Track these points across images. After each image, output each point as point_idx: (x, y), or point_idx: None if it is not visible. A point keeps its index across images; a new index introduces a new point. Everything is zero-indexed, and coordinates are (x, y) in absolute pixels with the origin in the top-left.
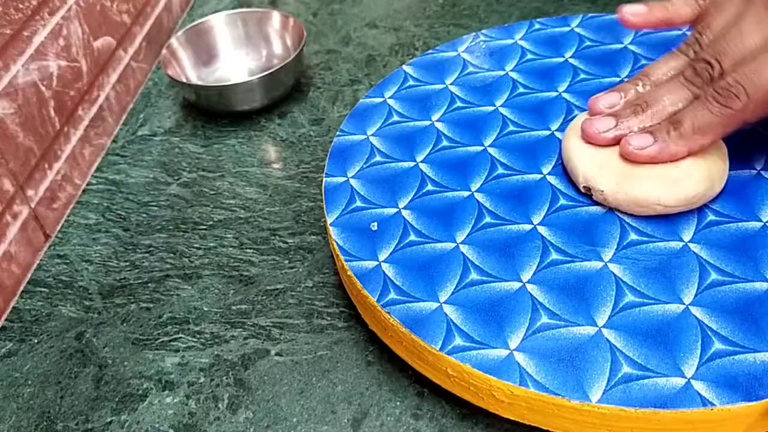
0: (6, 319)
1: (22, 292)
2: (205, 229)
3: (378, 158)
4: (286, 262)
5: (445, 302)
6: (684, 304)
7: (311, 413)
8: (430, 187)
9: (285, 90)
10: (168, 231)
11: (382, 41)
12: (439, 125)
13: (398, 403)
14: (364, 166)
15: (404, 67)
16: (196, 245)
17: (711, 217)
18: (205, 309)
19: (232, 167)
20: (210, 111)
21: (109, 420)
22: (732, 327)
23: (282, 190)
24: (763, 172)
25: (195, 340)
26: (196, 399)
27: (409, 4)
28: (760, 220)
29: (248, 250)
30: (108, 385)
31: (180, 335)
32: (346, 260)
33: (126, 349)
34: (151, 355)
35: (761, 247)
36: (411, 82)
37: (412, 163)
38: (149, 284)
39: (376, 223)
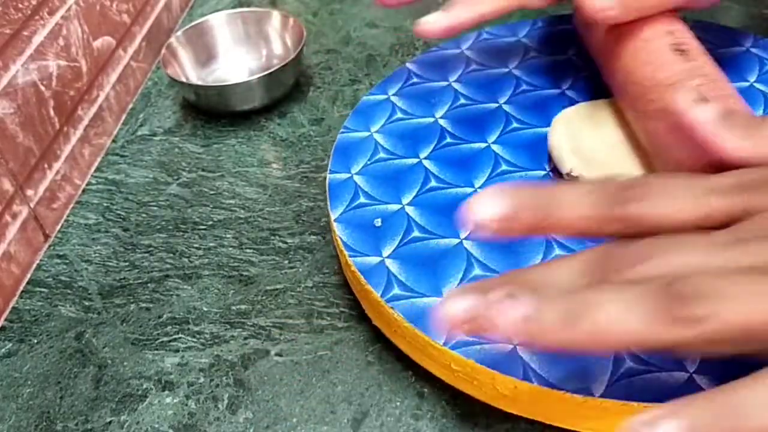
0: (5, 319)
1: (22, 292)
2: (204, 229)
3: (382, 155)
4: (286, 262)
5: None
6: None
7: (311, 413)
8: (433, 183)
9: (285, 90)
10: (168, 231)
11: (382, 41)
12: (442, 122)
13: (398, 403)
14: (368, 162)
15: (407, 64)
16: (195, 245)
17: None
18: (205, 309)
19: (232, 167)
20: (210, 111)
21: (108, 420)
22: None
23: (282, 190)
24: None
25: (195, 340)
26: (196, 399)
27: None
28: None
29: (248, 250)
30: (108, 385)
31: (180, 335)
32: (350, 256)
33: (126, 349)
34: (151, 355)
35: None
36: (414, 80)
37: (415, 160)
38: (149, 284)
39: (380, 219)
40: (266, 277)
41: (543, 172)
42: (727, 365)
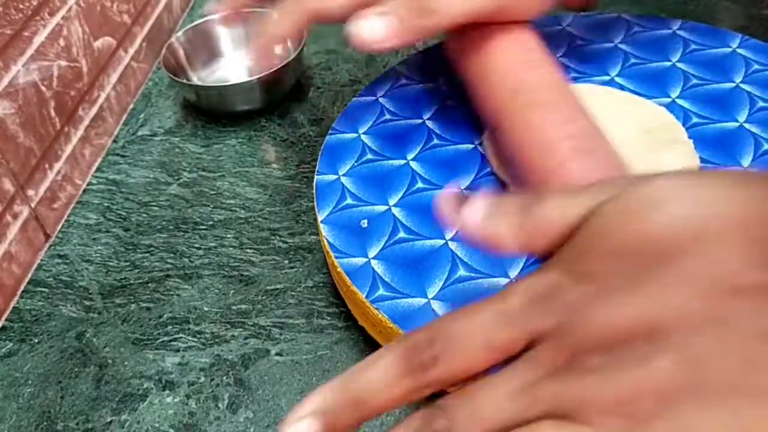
0: (6, 319)
1: (23, 292)
2: (205, 229)
3: (369, 156)
4: (287, 262)
5: (433, 298)
6: None
7: None
8: (420, 184)
9: (285, 90)
10: (168, 231)
11: None
12: (429, 123)
13: None
14: (355, 164)
15: (396, 66)
16: (196, 245)
17: None
18: (206, 309)
19: (232, 167)
20: (210, 111)
21: (109, 420)
22: None
23: (282, 190)
24: (749, 170)
25: (195, 339)
26: (197, 399)
27: None
28: None
29: (248, 250)
30: (108, 384)
31: (180, 335)
32: (336, 257)
33: (126, 348)
34: (152, 354)
35: None
36: (403, 81)
37: (402, 161)
38: (149, 284)
39: (366, 221)
40: (266, 276)
41: None
42: None
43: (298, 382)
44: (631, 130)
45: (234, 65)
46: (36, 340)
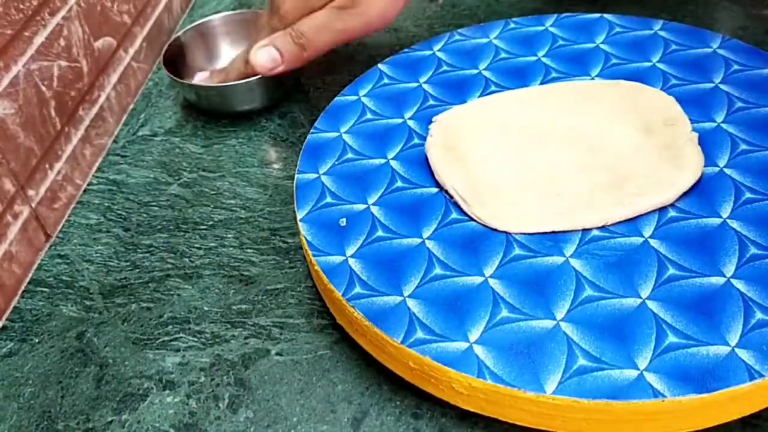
0: (7, 319)
1: (23, 291)
2: (205, 229)
3: (350, 155)
4: (287, 261)
5: (408, 296)
6: (641, 298)
7: (311, 413)
8: (399, 183)
9: (285, 90)
10: (168, 231)
11: (382, 42)
12: (411, 123)
13: (398, 403)
14: (336, 163)
15: (379, 65)
16: (196, 245)
17: (672, 213)
18: (206, 309)
19: (232, 167)
20: (210, 111)
21: (109, 419)
22: (686, 321)
23: (282, 190)
24: (725, 170)
25: (195, 339)
26: (197, 398)
27: (408, 5)
28: (720, 216)
29: (248, 250)
30: (109, 384)
31: (180, 335)
32: (314, 255)
33: (127, 348)
34: (152, 354)
35: (719, 243)
36: (385, 81)
37: (383, 160)
38: (150, 284)
39: (345, 219)
40: (267, 276)
41: None
42: (677, 365)
43: (298, 382)
44: (657, 123)
45: None
46: (36, 340)
